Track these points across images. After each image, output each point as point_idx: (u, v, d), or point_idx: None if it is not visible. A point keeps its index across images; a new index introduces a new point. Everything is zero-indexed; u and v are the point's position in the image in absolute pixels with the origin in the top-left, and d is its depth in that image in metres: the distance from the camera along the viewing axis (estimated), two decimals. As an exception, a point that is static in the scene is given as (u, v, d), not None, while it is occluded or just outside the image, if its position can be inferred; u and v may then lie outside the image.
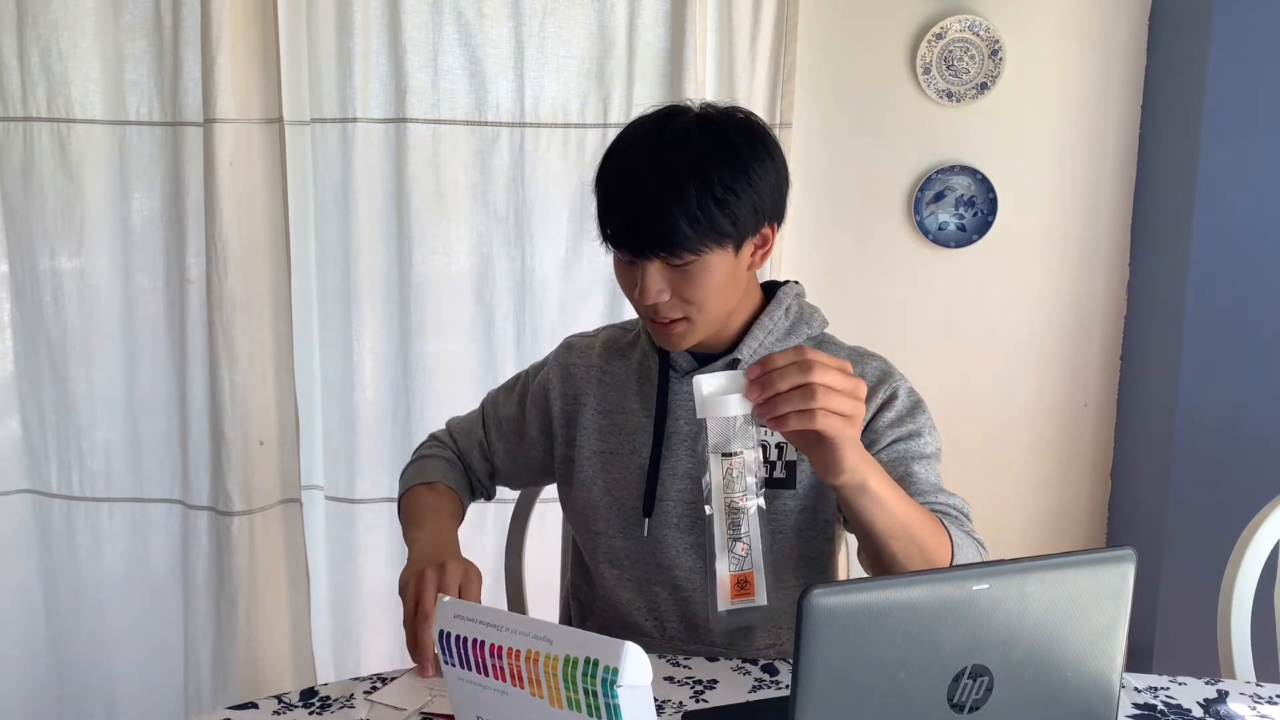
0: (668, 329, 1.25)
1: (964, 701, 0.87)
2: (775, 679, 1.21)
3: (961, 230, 2.26)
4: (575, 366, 1.41)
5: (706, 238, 1.18)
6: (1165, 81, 2.19)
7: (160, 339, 2.26)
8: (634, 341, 1.41)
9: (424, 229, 2.20)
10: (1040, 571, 0.89)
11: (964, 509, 1.28)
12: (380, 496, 2.29)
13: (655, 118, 1.24)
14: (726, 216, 1.18)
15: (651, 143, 1.21)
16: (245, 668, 2.26)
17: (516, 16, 2.15)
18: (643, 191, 1.18)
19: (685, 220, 1.16)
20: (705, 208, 1.17)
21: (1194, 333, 2.10)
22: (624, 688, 0.83)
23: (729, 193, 1.18)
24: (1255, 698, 1.20)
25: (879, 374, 1.33)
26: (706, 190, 1.17)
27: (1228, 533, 1.52)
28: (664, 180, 1.17)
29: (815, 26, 2.20)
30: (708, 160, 1.18)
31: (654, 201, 1.17)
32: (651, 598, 1.34)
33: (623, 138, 1.25)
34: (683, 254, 1.18)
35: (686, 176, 1.17)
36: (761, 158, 1.22)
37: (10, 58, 2.16)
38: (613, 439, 1.36)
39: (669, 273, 1.20)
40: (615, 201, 1.21)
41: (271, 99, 2.12)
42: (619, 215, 1.20)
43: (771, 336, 1.32)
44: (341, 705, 1.15)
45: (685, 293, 1.21)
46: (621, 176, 1.22)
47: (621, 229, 1.20)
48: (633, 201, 1.19)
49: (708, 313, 1.24)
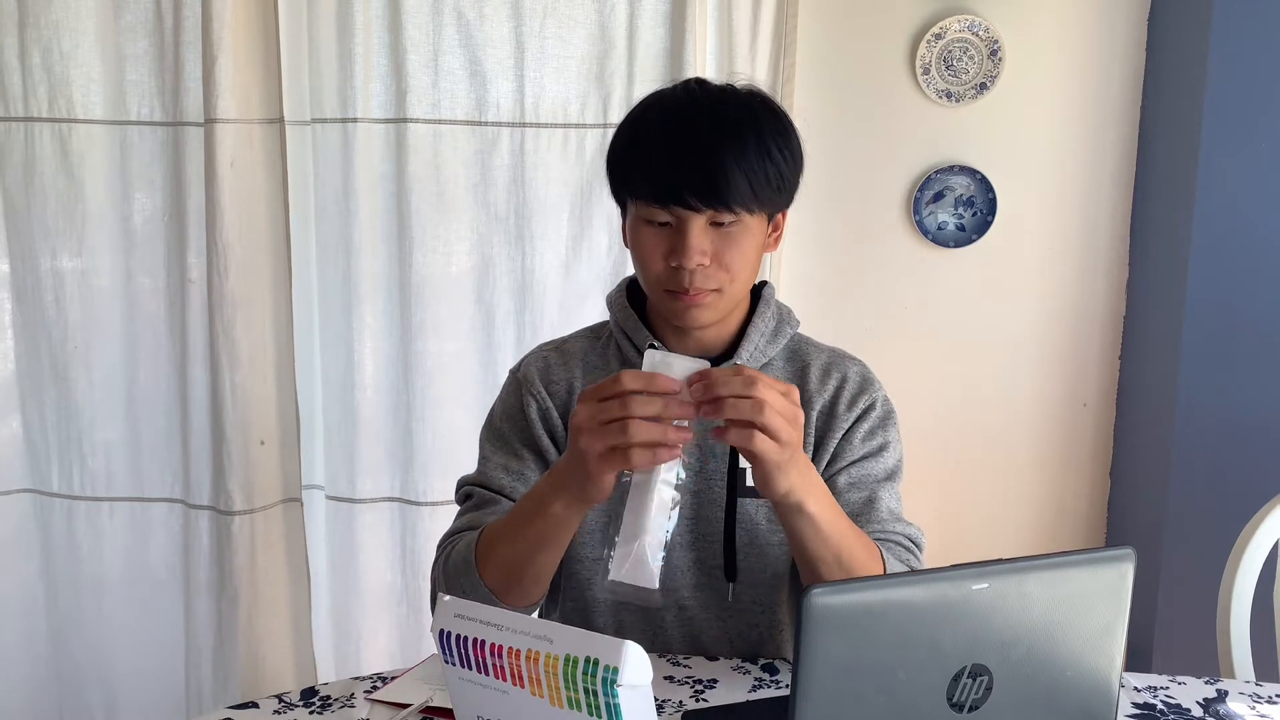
0: (695, 299, 1.20)
1: (964, 701, 0.87)
2: (775, 678, 1.21)
3: (961, 230, 2.26)
4: (556, 382, 1.32)
5: (760, 195, 1.17)
6: (1165, 81, 2.19)
7: (161, 339, 2.26)
8: (608, 349, 1.34)
9: (424, 229, 2.20)
10: (1040, 571, 0.89)
11: (918, 540, 1.28)
12: (380, 496, 2.29)
13: (680, 88, 1.23)
14: (776, 176, 1.18)
15: (701, 96, 1.20)
16: (246, 667, 2.26)
17: (517, 16, 2.15)
18: (704, 140, 1.16)
19: (743, 173, 1.15)
20: (761, 164, 1.16)
21: (1194, 332, 2.10)
22: (624, 687, 0.83)
23: (782, 152, 1.18)
24: (1255, 697, 1.20)
25: (859, 381, 1.32)
26: (763, 146, 1.17)
27: (1227, 532, 1.53)
28: (726, 129, 1.16)
29: (815, 26, 2.20)
30: (764, 119, 1.18)
31: (714, 150, 1.15)
32: (654, 620, 1.30)
33: (659, 98, 1.23)
34: (735, 208, 1.16)
35: (746, 128, 1.16)
36: (793, 132, 1.23)
37: (11, 58, 2.17)
38: None
39: (711, 234, 1.18)
40: (667, 150, 1.17)
41: (272, 99, 2.13)
42: (671, 165, 1.16)
43: (764, 338, 1.32)
44: (342, 705, 1.16)
45: (725, 258, 1.19)
46: (674, 124, 1.19)
47: (674, 179, 1.16)
48: (690, 149, 1.16)
49: (738, 284, 1.23)
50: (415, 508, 2.28)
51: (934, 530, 2.35)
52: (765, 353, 1.32)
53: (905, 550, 1.25)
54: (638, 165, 1.20)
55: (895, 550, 1.23)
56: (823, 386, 1.31)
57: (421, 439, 2.25)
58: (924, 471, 2.36)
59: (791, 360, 1.34)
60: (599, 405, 1.02)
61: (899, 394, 1.36)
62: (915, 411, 2.32)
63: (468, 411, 2.25)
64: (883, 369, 1.33)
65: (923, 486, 2.39)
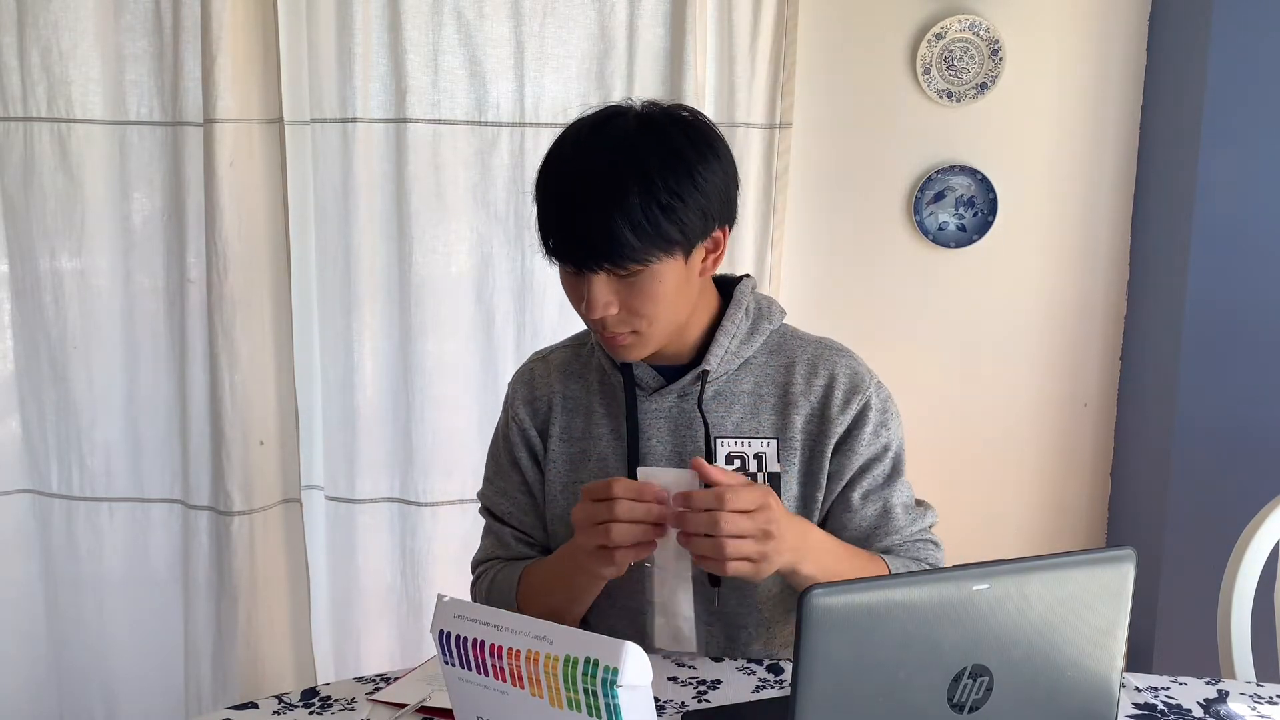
0: (617, 341, 1.20)
1: (964, 701, 0.87)
2: (780, 679, 1.21)
3: (961, 230, 2.26)
4: (539, 398, 1.35)
5: (653, 246, 1.13)
6: (1165, 81, 2.19)
7: (160, 339, 2.26)
8: (589, 359, 1.35)
9: (424, 229, 2.20)
10: (1040, 571, 0.89)
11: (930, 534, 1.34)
12: (380, 496, 2.29)
13: (592, 121, 1.18)
14: (673, 223, 1.13)
15: (590, 148, 1.16)
16: (245, 667, 2.26)
17: (516, 16, 2.15)
18: (583, 200, 1.13)
19: (629, 229, 1.11)
20: (650, 215, 1.11)
21: (1193, 332, 2.10)
22: (624, 688, 0.83)
23: (674, 198, 1.12)
24: (1255, 698, 1.20)
25: (850, 379, 1.29)
26: (651, 196, 1.11)
27: (1228, 532, 1.53)
28: (605, 187, 1.12)
29: (815, 26, 2.20)
30: (651, 164, 1.12)
31: (596, 210, 1.11)
32: (641, 627, 1.30)
33: (560, 143, 1.19)
34: (628, 264, 1.13)
35: (629, 182, 1.11)
36: (707, 159, 1.16)
37: (10, 58, 2.16)
38: (581, 467, 1.31)
39: (616, 284, 1.15)
40: (555, 211, 1.15)
41: (271, 99, 2.12)
42: (560, 226, 1.15)
43: (735, 340, 1.28)
44: (343, 708, 1.16)
45: (634, 305, 1.16)
46: (560, 185, 1.16)
47: (563, 240, 1.15)
48: (573, 211, 1.13)
49: (659, 325, 1.19)
50: (415, 508, 2.27)
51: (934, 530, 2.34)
52: (740, 354, 1.29)
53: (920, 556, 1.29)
54: (539, 221, 1.18)
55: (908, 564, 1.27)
56: (810, 387, 1.28)
57: (421, 439, 2.25)
58: (924, 472, 2.35)
59: (775, 356, 1.31)
60: (592, 506, 1.11)
61: (899, 394, 1.35)
62: (915, 411, 2.32)
63: (467, 412, 2.25)
64: (883, 369, 1.33)
65: (923, 487, 2.38)
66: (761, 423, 1.28)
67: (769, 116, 2.16)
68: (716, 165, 1.18)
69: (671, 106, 1.21)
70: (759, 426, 1.28)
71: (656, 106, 1.20)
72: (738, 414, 1.28)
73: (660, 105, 1.20)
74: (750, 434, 1.27)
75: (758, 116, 2.16)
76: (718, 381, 1.29)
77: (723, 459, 1.26)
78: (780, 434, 1.27)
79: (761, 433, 1.28)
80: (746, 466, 1.27)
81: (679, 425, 1.28)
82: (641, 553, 1.12)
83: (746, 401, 1.29)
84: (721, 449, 1.27)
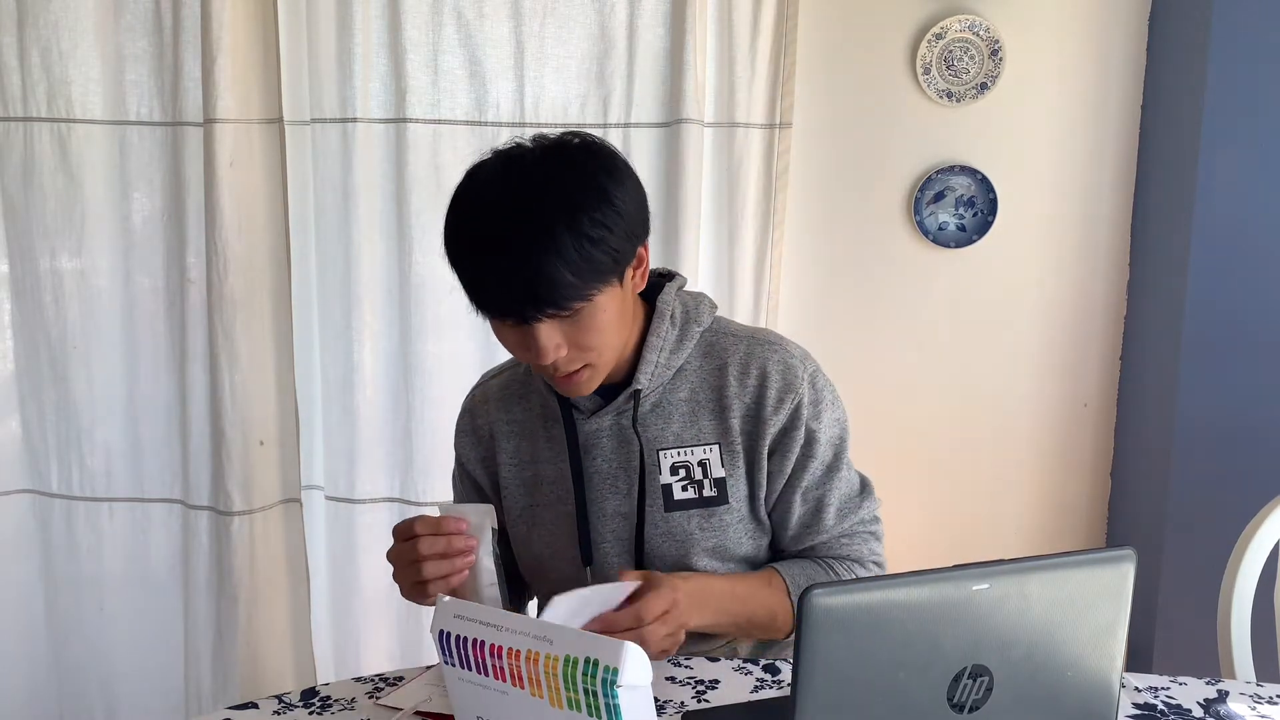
0: (571, 380, 1.19)
1: (964, 701, 0.87)
2: (777, 679, 1.21)
3: (961, 230, 2.26)
4: (480, 428, 1.37)
5: (592, 280, 1.11)
6: (1165, 81, 2.19)
7: (160, 339, 2.26)
8: (529, 380, 1.35)
9: (424, 229, 2.20)
10: (1040, 571, 0.89)
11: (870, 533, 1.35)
12: (380, 496, 2.29)
13: (492, 167, 1.14)
14: (605, 253, 1.11)
15: (502, 197, 1.12)
16: (245, 667, 2.26)
17: (516, 17, 2.15)
18: (514, 250, 1.08)
19: (566, 269, 1.08)
20: (582, 250, 1.09)
21: (1193, 333, 2.10)
22: (624, 688, 0.83)
23: (602, 229, 1.10)
24: (1255, 698, 1.20)
25: (782, 376, 1.27)
26: (579, 231, 1.09)
27: (1228, 532, 1.52)
28: (532, 232, 1.08)
29: (815, 26, 2.20)
30: (570, 197, 1.10)
31: (529, 257, 1.08)
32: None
33: (464, 201, 1.15)
34: (570, 305, 1.11)
35: (555, 221, 1.08)
36: (618, 178, 1.14)
37: (10, 58, 2.16)
38: (535, 492, 1.32)
39: (561, 326, 1.13)
40: (483, 269, 1.11)
41: (271, 99, 2.12)
42: (495, 282, 1.11)
43: (663, 353, 1.27)
44: (343, 708, 1.16)
45: (582, 341, 1.15)
46: (482, 240, 1.11)
47: (500, 296, 1.11)
48: (505, 263, 1.09)
49: (608, 353, 1.19)
50: (415, 508, 2.27)
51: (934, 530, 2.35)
52: (671, 364, 1.28)
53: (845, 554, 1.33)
54: (464, 282, 1.15)
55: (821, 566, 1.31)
56: (742, 388, 1.27)
57: (421, 439, 2.25)
58: (924, 472, 2.37)
59: (708, 359, 1.30)
60: (400, 546, 1.17)
61: (899, 393, 1.36)
62: (915, 411, 2.34)
63: (467, 412, 2.25)
64: (883, 369, 1.32)
65: (923, 487, 2.40)
66: (702, 429, 1.28)
67: (769, 116, 2.16)
68: (628, 183, 1.16)
69: (563, 135, 1.17)
70: (700, 433, 1.28)
71: (545, 139, 1.16)
72: (677, 424, 1.28)
73: (548, 136, 1.17)
74: (691, 442, 1.27)
75: (758, 116, 2.16)
76: (654, 394, 1.28)
77: (667, 470, 1.27)
78: (722, 438, 1.28)
79: (703, 439, 1.28)
80: (692, 475, 1.27)
81: (622, 442, 1.28)
82: (453, 583, 1.16)
83: (684, 410, 1.28)
84: (666, 460, 1.27)
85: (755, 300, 2.20)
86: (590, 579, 1.29)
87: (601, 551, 1.29)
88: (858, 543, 1.33)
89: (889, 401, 2.30)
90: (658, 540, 1.28)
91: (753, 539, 1.31)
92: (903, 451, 2.34)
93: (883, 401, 2.29)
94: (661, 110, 2.16)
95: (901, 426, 2.32)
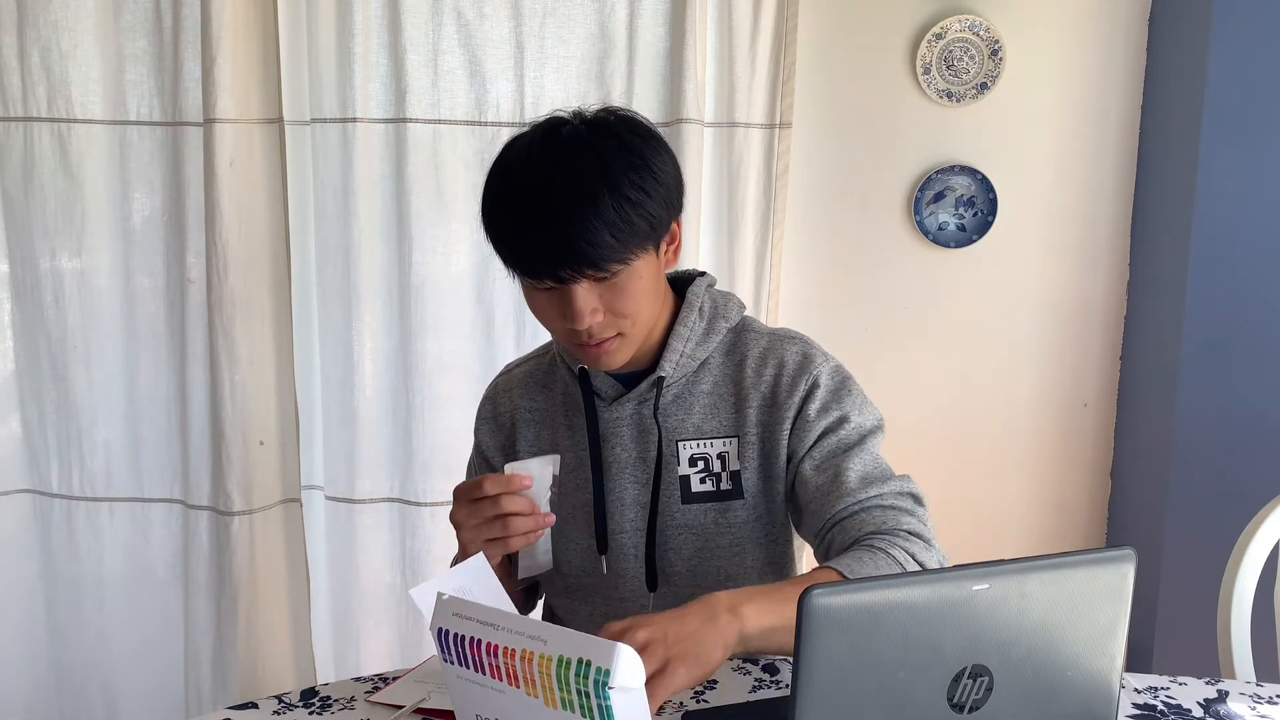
0: (600, 349, 1.20)
1: (964, 701, 0.87)
2: (775, 679, 1.21)
3: (961, 230, 2.26)
4: (501, 414, 1.38)
5: (630, 242, 1.14)
6: (1165, 81, 2.19)
7: (160, 339, 2.26)
8: (553, 371, 1.36)
9: (424, 229, 2.20)
10: (1040, 571, 0.89)
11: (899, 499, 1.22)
12: (380, 496, 2.29)
13: (536, 134, 1.18)
14: (643, 217, 1.14)
15: (545, 158, 1.15)
16: (245, 667, 2.26)
17: (516, 16, 2.15)
18: (556, 210, 1.11)
19: (606, 229, 1.11)
20: (622, 212, 1.12)
21: (1193, 332, 2.10)
22: (616, 690, 0.83)
23: (640, 192, 1.14)
24: (1255, 698, 1.20)
25: (799, 362, 1.28)
26: (619, 194, 1.12)
27: (1228, 532, 1.53)
28: (575, 192, 1.11)
29: (815, 26, 2.20)
30: (612, 163, 1.13)
31: (570, 218, 1.11)
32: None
33: (507, 162, 1.18)
34: (610, 266, 1.13)
35: (596, 183, 1.12)
36: (659, 151, 1.18)
37: (10, 58, 2.16)
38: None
39: (598, 290, 1.16)
40: (524, 228, 1.14)
41: (271, 99, 2.12)
42: (534, 241, 1.13)
43: (690, 343, 1.28)
44: (343, 707, 1.15)
45: (618, 306, 1.17)
46: (524, 200, 1.14)
47: (539, 255, 1.14)
48: (545, 223, 1.12)
49: (640, 323, 1.21)
50: (415, 508, 2.27)
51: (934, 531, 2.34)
52: (696, 355, 1.29)
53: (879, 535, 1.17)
54: (503, 244, 1.17)
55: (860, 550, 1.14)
56: (759, 378, 1.28)
57: (421, 439, 2.25)
58: (924, 472, 2.35)
59: (730, 354, 1.31)
60: (474, 505, 1.16)
61: (899, 393, 1.36)
62: (916, 411, 2.33)
63: (467, 412, 2.22)
64: (883, 369, 1.32)
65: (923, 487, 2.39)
66: (721, 422, 1.29)
67: (769, 116, 2.16)
68: (666, 156, 1.20)
69: (605, 108, 1.21)
70: (719, 426, 1.29)
71: (587, 113, 1.20)
72: (698, 415, 1.29)
73: (591, 110, 1.20)
74: (711, 434, 1.28)
75: (757, 116, 2.16)
76: (676, 385, 1.29)
77: (686, 461, 1.28)
78: (739, 431, 1.28)
79: (721, 432, 1.28)
80: (711, 467, 1.28)
81: (641, 431, 1.29)
82: (530, 540, 1.17)
83: (705, 402, 1.29)
84: (685, 451, 1.28)
85: (755, 300, 2.20)
86: (605, 568, 1.29)
87: (618, 541, 1.30)
88: (891, 516, 1.20)
89: (889, 401, 2.28)
90: (673, 532, 1.28)
91: (766, 533, 1.31)
92: (902, 451, 2.33)
93: (882, 401, 2.26)
94: (661, 110, 2.16)
95: (901, 426, 2.31)
